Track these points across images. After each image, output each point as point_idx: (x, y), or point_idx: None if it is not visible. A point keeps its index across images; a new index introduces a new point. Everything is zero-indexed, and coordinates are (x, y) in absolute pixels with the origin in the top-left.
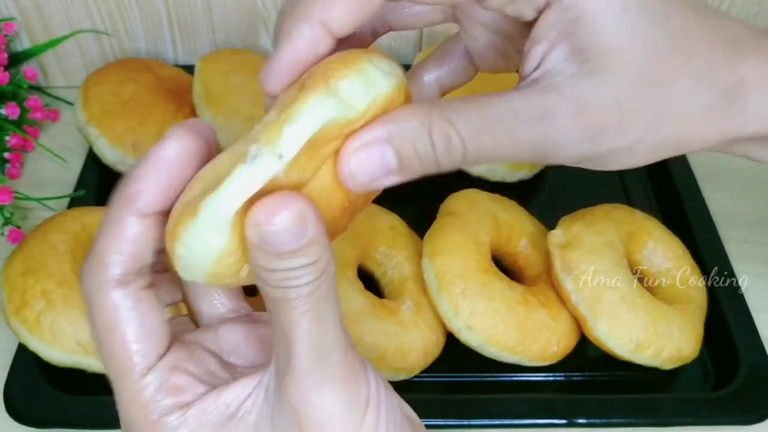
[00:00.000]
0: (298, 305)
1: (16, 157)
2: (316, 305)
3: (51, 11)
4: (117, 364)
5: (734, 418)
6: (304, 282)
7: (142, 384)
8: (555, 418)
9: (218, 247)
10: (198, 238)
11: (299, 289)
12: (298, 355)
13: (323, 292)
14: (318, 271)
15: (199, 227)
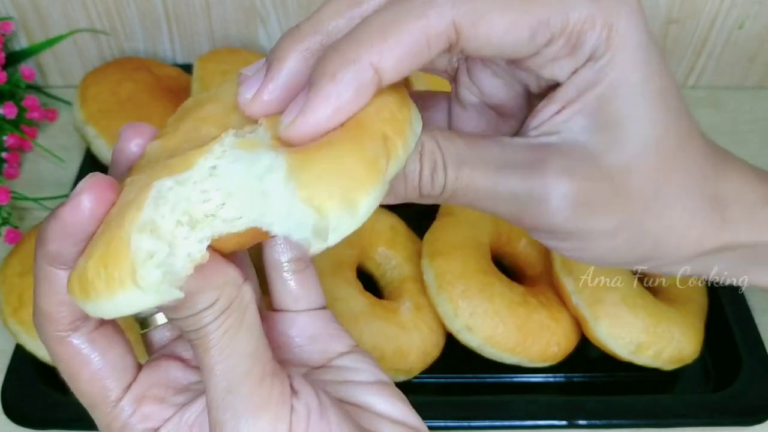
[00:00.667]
0: (202, 344)
1: (13, 156)
2: (219, 343)
3: (49, 10)
4: (88, 400)
5: (735, 418)
6: (205, 323)
7: (113, 414)
8: (555, 420)
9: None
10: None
11: (200, 331)
12: (208, 388)
13: (228, 328)
14: (216, 312)
15: (107, 306)
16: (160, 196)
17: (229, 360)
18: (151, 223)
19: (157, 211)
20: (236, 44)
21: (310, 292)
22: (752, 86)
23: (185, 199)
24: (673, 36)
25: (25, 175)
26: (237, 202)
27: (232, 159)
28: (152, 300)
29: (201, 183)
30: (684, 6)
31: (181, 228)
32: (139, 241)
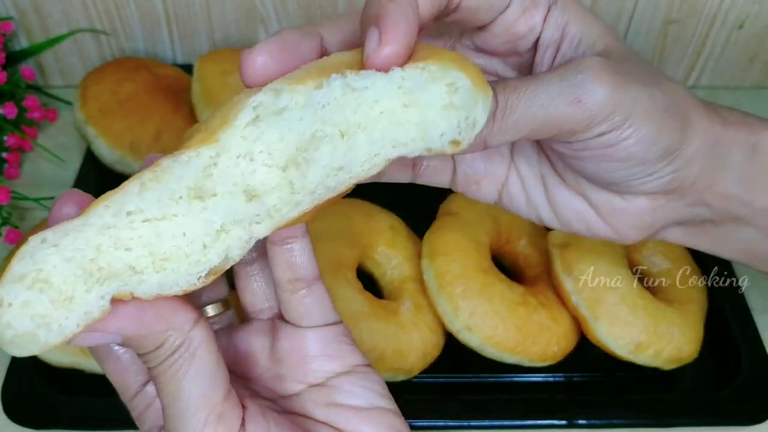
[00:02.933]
0: (156, 383)
1: (14, 157)
2: (167, 386)
3: (49, 10)
4: (115, 386)
5: (734, 418)
6: (151, 366)
7: (131, 405)
8: (555, 419)
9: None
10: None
11: (151, 371)
12: (164, 419)
13: (175, 373)
14: (161, 357)
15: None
16: (53, 244)
17: (174, 404)
18: (36, 273)
19: (45, 263)
20: (236, 44)
21: (312, 310)
22: (752, 86)
23: (90, 248)
24: (673, 36)
25: (26, 175)
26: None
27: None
28: (18, 351)
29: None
30: (684, 6)
31: (82, 282)
32: (8, 292)
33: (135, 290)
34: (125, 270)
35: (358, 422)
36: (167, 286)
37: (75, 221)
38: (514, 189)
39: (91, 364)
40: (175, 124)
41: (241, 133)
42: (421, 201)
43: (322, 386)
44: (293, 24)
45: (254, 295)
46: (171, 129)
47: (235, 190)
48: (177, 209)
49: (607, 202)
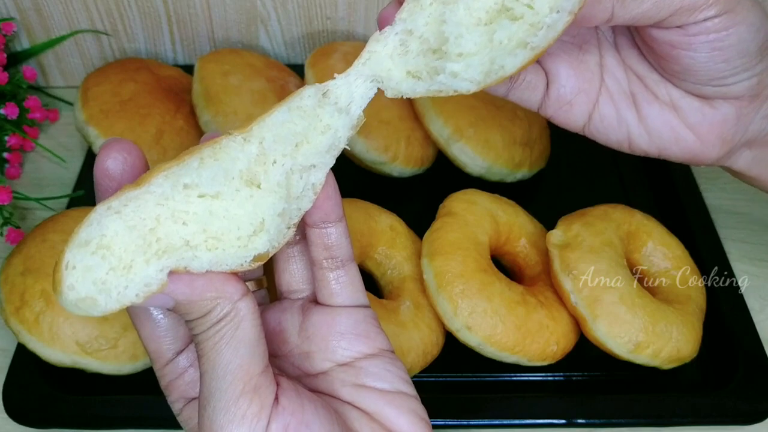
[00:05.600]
0: (198, 350)
1: (15, 157)
2: (208, 353)
3: (50, 11)
4: (148, 353)
5: (733, 417)
6: (197, 332)
7: (162, 372)
8: (554, 418)
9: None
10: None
11: (196, 338)
12: (200, 389)
13: (217, 342)
14: (207, 324)
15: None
16: (123, 211)
17: (213, 372)
18: (99, 239)
19: (108, 229)
20: (237, 45)
21: (345, 289)
22: None
23: (150, 218)
24: None
25: (27, 175)
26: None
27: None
28: (80, 313)
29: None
30: None
31: (142, 252)
32: (74, 256)
33: (189, 265)
34: (181, 244)
35: (384, 404)
36: (217, 264)
37: (136, 190)
38: (605, 109)
39: (93, 363)
40: (176, 125)
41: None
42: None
43: (349, 366)
44: (293, 24)
45: (291, 276)
46: (172, 129)
47: (280, 185)
48: (229, 190)
49: (697, 111)
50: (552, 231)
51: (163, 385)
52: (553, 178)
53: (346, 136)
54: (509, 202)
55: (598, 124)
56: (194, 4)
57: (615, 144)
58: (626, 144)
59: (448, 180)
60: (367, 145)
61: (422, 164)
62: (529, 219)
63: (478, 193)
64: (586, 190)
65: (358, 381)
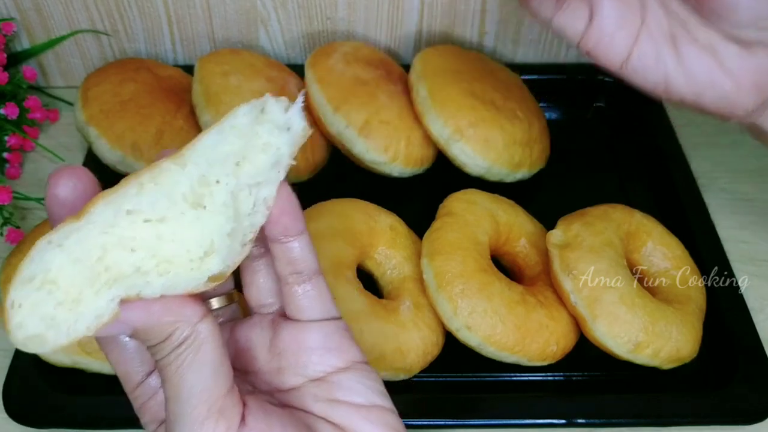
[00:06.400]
0: (160, 375)
1: (15, 157)
2: (171, 378)
3: (50, 11)
4: (118, 376)
5: (733, 417)
6: (158, 357)
7: (133, 396)
8: (554, 418)
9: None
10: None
11: (158, 363)
12: (165, 410)
13: (180, 366)
14: (168, 348)
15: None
16: (68, 243)
17: (177, 396)
18: (43, 274)
19: (52, 263)
20: (237, 45)
21: (313, 303)
22: None
23: (95, 247)
24: None
25: (27, 175)
26: None
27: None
28: (30, 350)
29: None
30: None
31: (90, 284)
32: (18, 294)
33: (141, 292)
34: (132, 271)
35: (358, 419)
36: (171, 288)
37: (76, 222)
38: (645, 46)
39: (93, 363)
40: (177, 125)
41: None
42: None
43: (321, 381)
44: (293, 24)
45: (259, 290)
46: (172, 129)
47: (226, 205)
48: (174, 213)
49: (735, 56)
50: (552, 231)
51: (135, 408)
52: (553, 178)
53: (291, 153)
54: (509, 202)
55: (636, 63)
56: (194, 4)
57: (651, 86)
58: (662, 86)
59: (448, 180)
60: (367, 145)
61: (422, 164)
62: (529, 219)
63: (478, 193)
64: (586, 190)
65: (331, 396)
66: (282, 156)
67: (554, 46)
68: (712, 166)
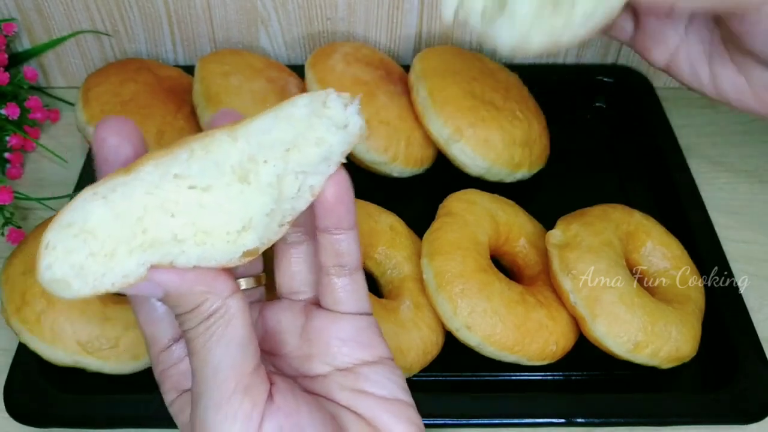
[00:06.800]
0: (188, 348)
1: (16, 157)
2: (199, 351)
3: (51, 12)
4: (144, 338)
5: (732, 417)
6: (186, 328)
7: (157, 360)
8: (554, 418)
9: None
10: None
11: (187, 334)
12: (191, 387)
13: (208, 339)
14: (197, 319)
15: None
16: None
17: (204, 370)
18: (83, 223)
19: (93, 214)
20: (237, 45)
21: (350, 297)
22: None
23: (137, 206)
24: None
25: (28, 176)
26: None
27: None
28: (54, 293)
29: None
30: None
31: (126, 242)
32: (55, 237)
33: (175, 260)
34: (169, 238)
35: (381, 411)
36: (205, 260)
37: (124, 176)
38: (682, 59)
39: (93, 362)
40: (177, 125)
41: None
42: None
43: (348, 372)
44: (294, 25)
45: (292, 278)
46: (173, 129)
47: (271, 185)
48: (220, 184)
49: (763, 80)
50: (551, 231)
51: (157, 373)
52: (553, 178)
53: (342, 152)
54: (509, 202)
55: (673, 69)
56: (195, 4)
57: (693, 88)
58: (701, 92)
59: (448, 180)
60: (367, 145)
61: (422, 164)
62: (528, 219)
63: (477, 193)
64: (586, 190)
65: (357, 386)
66: (333, 154)
67: None
68: (712, 166)
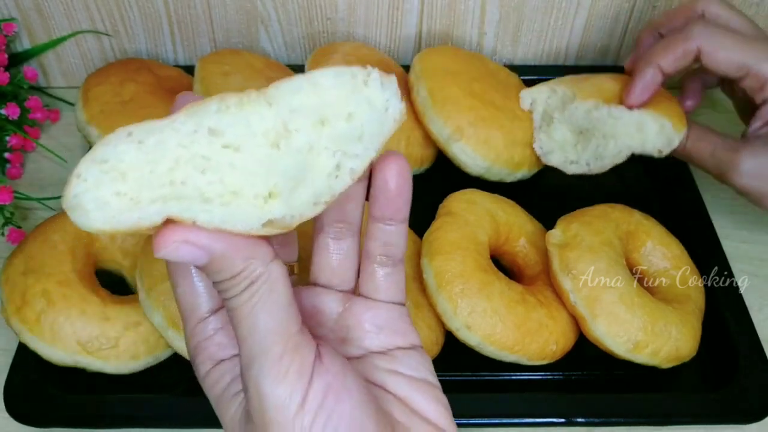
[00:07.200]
0: (233, 317)
1: (16, 157)
2: (246, 319)
3: (51, 12)
4: (181, 311)
5: (732, 417)
6: (232, 295)
7: (194, 331)
8: (553, 417)
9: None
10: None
11: (230, 302)
12: (240, 356)
13: (254, 305)
14: (242, 285)
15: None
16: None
17: (253, 336)
18: (116, 162)
19: (127, 155)
20: (238, 45)
21: (390, 287)
22: None
23: (170, 157)
24: None
25: (28, 175)
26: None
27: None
28: (73, 220)
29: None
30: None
31: (152, 190)
32: (86, 169)
33: (197, 218)
34: (195, 194)
35: (413, 391)
36: (228, 222)
37: (160, 122)
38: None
39: (93, 362)
40: None
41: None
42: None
43: (383, 354)
44: (294, 25)
45: (332, 273)
46: None
47: (300, 152)
48: (251, 146)
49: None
50: (551, 231)
51: (192, 346)
52: (553, 178)
53: (379, 134)
54: (509, 201)
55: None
56: (195, 4)
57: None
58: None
59: (448, 180)
60: None
61: (422, 164)
62: (528, 219)
63: (478, 193)
64: (586, 190)
65: (391, 367)
66: (367, 134)
67: (554, 47)
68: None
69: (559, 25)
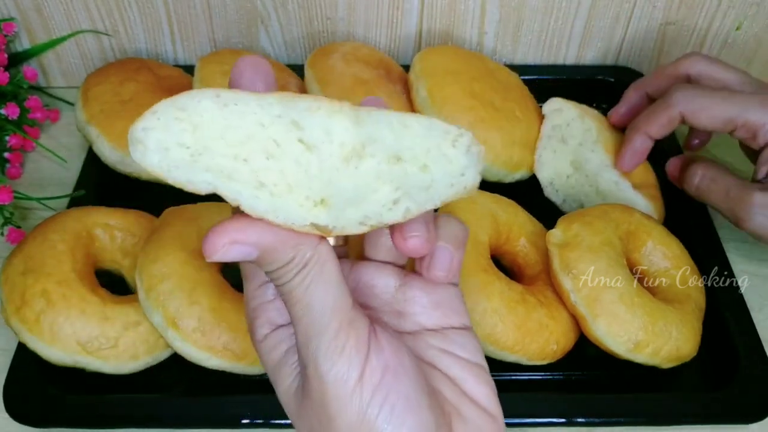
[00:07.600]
0: (288, 300)
1: (16, 157)
2: (301, 300)
3: (51, 11)
4: (245, 269)
5: (732, 416)
6: (286, 280)
7: (255, 293)
8: (554, 417)
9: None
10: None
11: (284, 287)
12: (296, 335)
13: (308, 285)
14: (295, 269)
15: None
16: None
17: (309, 316)
18: (194, 115)
19: (207, 112)
20: (237, 45)
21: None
22: None
23: (245, 129)
24: (671, 37)
25: (28, 175)
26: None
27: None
28: (131, 148)
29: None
30: (681, 7)
31: (213, 156)
32: (163, 112)
33: (243, 202)
34: (250, 177)
35: (464, 372)
36: (272, 212)
37: (249, 95)
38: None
39: (93, 362)
40: None
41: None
42: None
43: (437, 332)
44: (294, 25)
45: (389, 250)
46: None
47: (366, 175)
48: (324, 152)
49: None
50: (551, 230)
51: (251, 307)
52: None
53: (447, 195)
54: (509, 201)
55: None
56: (195, 4)
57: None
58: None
59: None
60: None
61: None
62: (528, 218)
63: (478, 193)
64: None
65: (444, 346)
66: (436, 189)
67: (554, 47)
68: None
69: (559, 25)
